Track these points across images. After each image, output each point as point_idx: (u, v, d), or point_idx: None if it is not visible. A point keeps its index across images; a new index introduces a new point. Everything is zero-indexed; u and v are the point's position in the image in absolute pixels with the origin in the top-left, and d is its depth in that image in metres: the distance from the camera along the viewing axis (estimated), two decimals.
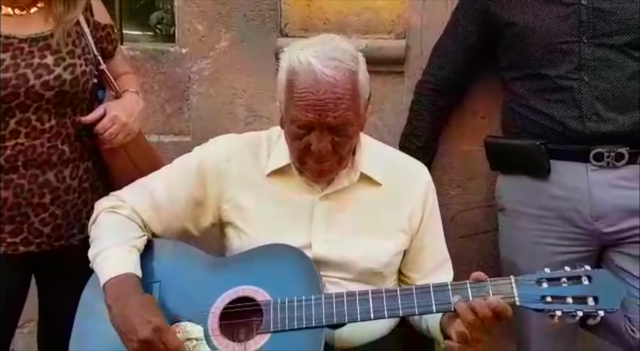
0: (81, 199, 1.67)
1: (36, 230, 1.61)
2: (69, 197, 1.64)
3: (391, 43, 2.04)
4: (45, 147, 1.58)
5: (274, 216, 1.51)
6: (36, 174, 1.58)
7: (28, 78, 1.52)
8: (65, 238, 1.65)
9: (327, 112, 1.36)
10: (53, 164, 1.60)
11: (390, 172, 1.54)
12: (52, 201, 1.61)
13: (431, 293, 1.32)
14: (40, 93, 1.54)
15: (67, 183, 1.63)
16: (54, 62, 1.56)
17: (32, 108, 1.55)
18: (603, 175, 1.70)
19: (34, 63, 1.54)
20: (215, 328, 1.38)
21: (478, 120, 2.08)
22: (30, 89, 1.53)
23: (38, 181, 1.58)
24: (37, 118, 1.56)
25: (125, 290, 1.38)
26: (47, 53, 1.56)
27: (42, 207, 1.60)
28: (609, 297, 1.26)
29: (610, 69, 1.68)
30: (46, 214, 1.61)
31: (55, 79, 1.55)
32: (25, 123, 1.55)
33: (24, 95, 1.53)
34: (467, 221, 2.15)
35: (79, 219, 1.66)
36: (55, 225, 1.63)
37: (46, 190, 1.60)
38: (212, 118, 2.16)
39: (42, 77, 1.54)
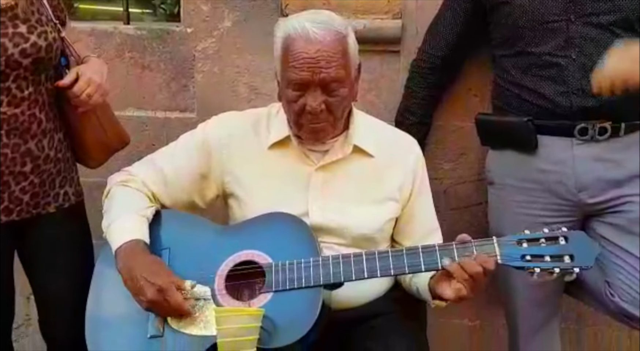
0: (56, 168, 1.72)
1: (16, 198, 1.65)
2: (47, 166, 1.69)
3: (388, 23, 2.10)
4: (26, 115, 1.63)
5: (273, 187, 1.59)
6: (18, 143, 1.63)
7: (7, 47, 1.56)
8: (42, 206, 1.70)
9: (320, 68, 1.45)
10: (33, 133, 1.65)
11: (382, 145, 1.62)
12: (32, 170, 1.66)
13: (420, 254, 1.41)
14: (19, 61, 1.58)
15: (46, 152, 1.68)
16: (27, 30, 1.60)
17: (12, 76, 1.59)
18: (587, 149, 1.76)
19: (9, 32, 1.57)
20: (221, 289, 1.48)
21: (471, 97, 2.14)
22: (10, 58, 1.56)
23: (20, 150, 1.63)
24: (17, 86, 1.60)
25: (132, 255, 1.47)
26: (18, 22, 1.59)
27: (23, 176, 1.65)
28: (584, 255, 1.34)
29: (597, 46, 1.72)
30: (26, 182, 1.66)
31: (32, 46, 1.60)
32: (6, 92, 1.59)
33: (5, 64, 1.56)
34: (459, 194, 2.22)
35: (53, 187, 1.72)
36: (34, 193, 1.68)
37: (27, 159, 1.64)
38: (215, 95, 2.22)
39: (19, 45, 1.58)
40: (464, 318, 2.36)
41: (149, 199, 1.62)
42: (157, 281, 1.42)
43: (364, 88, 2.15)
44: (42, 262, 1.77)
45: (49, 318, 1.83)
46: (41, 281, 1.81)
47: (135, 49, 2.24)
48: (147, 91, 2.27)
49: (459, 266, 1.36)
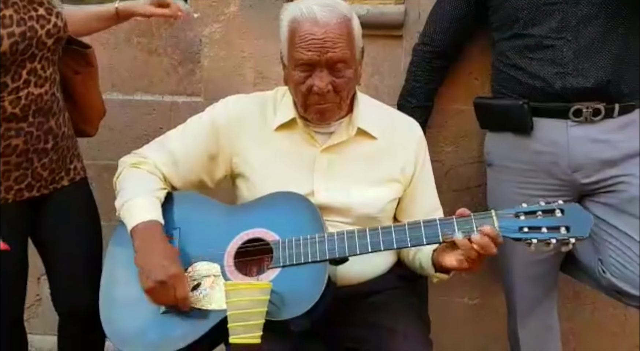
0: (66, 145, 1.81)
1: (38, 174, 1.74)
2: (63, 142, 1.79)
3: (391, 8, 2.14)
4: (49, 94, 1.71)
5: (279, 167, 1.64)
6: (42, 122, 1.71)
7: (36, 29, 1.64)
8: (57, 181, 1.79)
9: (326, 49, 1.50)
10: (54, 112, 1.74)
11: (385, 128, 1.67)
12: (52, 146, 1.75)
13: (422, 228, 1.46)
14: (45, 42, 1.66)
15: (62, 130, 1.78)
16: (46, 12, 1.68)
17: (38, 57, 1.67)
18: (582, 130, 1.81)
19: (34, 15, 1.65)
20: (230, 265, 1.53)
21: (472, 81, 2.18)
22: (39, 39, 1.65)
23: (44, 128, 1.71)
24: (42, 66, 1.68)
25: (152, 235, 1.52)
26: (36, 5, 1.67)
27: (45, 152, 1.73)
28: (579, 226, 1.38)
29: (590, 25, 1.76)
30: (47, 159, 1.74)
31: (54, 26, 1.68)
32: (34, 73, 1.66)
33: (35, 46, 1.64)
34: (460, 176, 2.27)
35: (65, 163, 1.81)
36: (51, 169, 1.77)
37: (50, 136, 1.73)
38: (222, 79, 2.26)
39: (45, 26, 1.66)
40: (464, 296, 2.42)
41: (161, 181, 1.67)
42: (173, 267, 1.47)
43: (367, 73, 2.19)
44: (55, 232, 1.84)
45: (60, 288, 1.88)
46: (54, 251, 1.86)
47: (143, 34, 2.28)
48: (154, 75, 2.31)
49: (467, 239, 1.40)
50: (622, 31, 1.78)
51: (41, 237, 1.86)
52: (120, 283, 1.59)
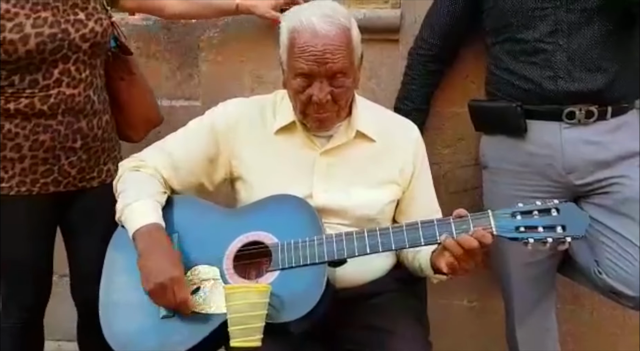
0: (101, 147, 1.88)
1: (65, 171, 1.82)
2: (94, 144, 1.85)
3: (387, 12, 2.16)
4: (82, 96, 1.78)
5: (279, 170, 1.65)
6: (72, 121, 1.79)
7: (70, 32, 1.73)
8: (87, 180, 1.87)
9: (325, 60, 1.51)
10: (86, 113, 1.81)
11: (383, 130, 1.69)
12: (81, 146, 1.83)
13: (419, 229, 1.47)
14: (79, 45, 1.74)
15: (94, 131, 1.84)
16: (85, 17, 1.76)
17: (72, 59, 1.75)
18: (575, 132, 1.83)
19: (71, 19, 1.74)
20: (229, 269, 1.53)
21: (468, 84, 2.19)
22: (72, 42, 1.73)
23: (73, 127, 1.80)
24: (76, 68, 1.76)
25: (154, 238, 1.53)
26: (78, 10, 1.76)
27: (72, 151, 1.82)
28: (575, 226, 1.39)
29: (582, 30, 1.78)
30: (75, 157, 1.82)
31: (90, 31, 1.76)
32: (67, 73, 1.75)
33: (67, 48, 1.72)
34: (458, 178, 2.28)
35: (97, 164, 1.89)
36: (80, 168, 1.84)
37: (78, 136, 1.81)
38: (220, 84, 2.27)
39: (80, 30, 1.74)
40: (464, 299, 2.43)
41: (161, 185, 1.67)
42: (174, 270, 1.48)
43: (365, 76, 2.18)
44: (80, 229, 1.92)
45: (80, 282, 1.95)
46: (76, 245, 1.95)
47: (141, 39, 2.30)
48: (153, 80, 2.29)
49: (455, 242, 1.41)
50: (615, 36, 1.80)
51: (67, 230, 1.95)
52: (120, 287, 1.59)
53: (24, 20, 1.66)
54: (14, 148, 1.76)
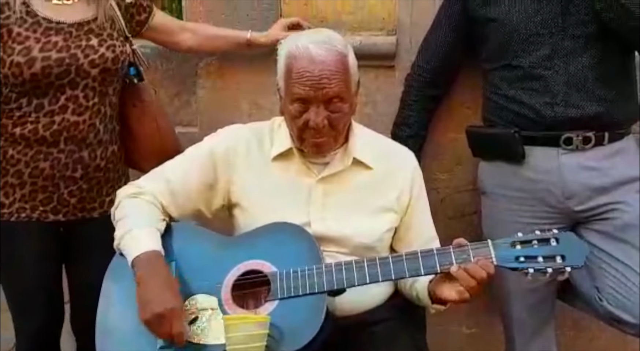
0: (104, 178, 1.86)
1: (64, 200, 1.80)
2: (96, 174, 1.83)
3: (383, 39, 2.17)
4: (87, 124, 1.77)
5: (276, 197, 1.65)
6: (73, 150, 1.77)
7: (78, 57, 1.72)
8: (88, 211, 1.85)
9: (322, 85, 1.53)
10: (89, 143, 1.79)
11: (380, 157, 1.69)
12: (82, 176, 1.80)
13: (419, 259, 1.47)
14: (88, 71, 1.73)
15: (97, 162, 1.82)
16: (98, 43, 1.76)
17: (81, 85, 1.74)
18: (573, 158, 1.83)
19: (82, 44, 1.73)
20: (227, 298, 1.52)
21: (464, 110, 2.21)
22: (80, 67, 1.72)
23: (74, 157, 1.78)
24: (84, 95, 1.75)
25: (153, 266, 1.51)
26: (92, 36, 1.76)
27: (72, 180, 1.80)
28: (574, 255, 1.40)
29: (579, 57, 1.80)
30: (75, 187, 1.80)
31: (100, 57, 1.75)
32: (74, 100, 1.74)
33: (75, 73, 1.72)
34: (455, 203, 2.29)
35: (99, 195, 1.86)
36: (81, 198, 1.82)
37: (79, 166, 1.79)
38: (217, 110, 2.29)
39: (89, 56, 1.74)
40: (462, 325, 2.42)
41: (160, 212, 1.66)
42: (173, 301, 1.46)
43: (361, 102, 2.19)
44: (80, 258, 1.90)
45: (79, 310, 1.92)
46: (76, 278, 1.93)
47: None
48: None
49: (467, 273, 1.41)
50: (611, 62, 1.82)
51: (68, 258, 1.92)
52: (117, 316, 1.57)
53: (33, 44, 1.67)
54: (15, 174, 1.77)
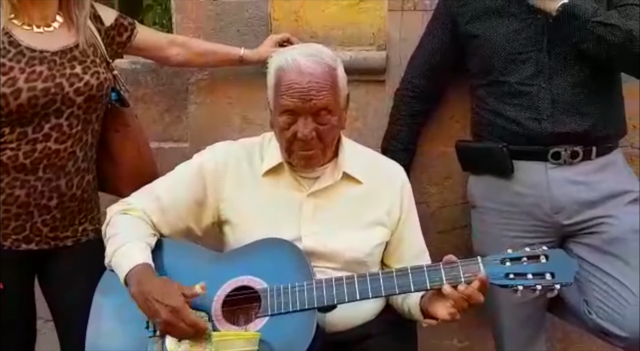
0: (78, 208, 1.81)
1: (37, 229, 1.74)
2: (71, 203, 1.78)
3: (373, 54, 2.19)
4: (67, 152, 1.73)
5: (266, 213, 1.65)
6: (50, 178, 1.72)
7: (63, 86, 1.69)
8: (60, 239, 1.79)
9: (310, 97, 1.54)
10: (67, 171, 1.75)
11: (370, 172, 1.70)
12: (56, 205, 1.75)
13: (409, 275, 1.47)
14: (73, 99, 1.71)
15: (73, 191, 1.77)
16: (82, 70, 1.73)
17: (66, 114, 1.71)
18: (561, 172, 1.85)
19: (67, 73, 1.71)
20: (218, 314, 1.52)
21: (453, 124, 2.22)
22: (66, 96, 1.70)
23: (50, 185, 1.73)
24: (69, 124, 1.72)
25: (144, 278, 1.51)
26: (75, 63, 1.73)
27: (46, 209, 1.74)
28: (564, 272, 1.41)
29: (564, 74, 1.82)
30: (48, 216, 1.75)
31: (85, 84, 1.73)
32: (57, 128, 1.71)
33: (60, 102, 1.69)
34: (446, 217, 2.29)
35: (72, 224, 1.81)
36: (53, 227, 1.77)
37: (55, 195, 1.74)
38: (208, 125, 2.29)
39: (74, 84, 1.71)
40: (454, 338, 2.41)
41: (150, 227, 1.67)
42: (170, 302, 1.46)
43: (352, 117, 2.21)
44: (57, 293, 1.86)
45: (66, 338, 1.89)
46: (56, 310, 1.89)
47: (129, 82, 2.28)
48: (141, 122, 2.29)
49: (461, 296, 1.43)
50: (596, 79, 1.84)
51: (44, 291, 1.89)
52: (107, 334, 1.57)
53: (18, 74, 1.65)
54: None
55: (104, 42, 1.85)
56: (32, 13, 1.71)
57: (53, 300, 1.88)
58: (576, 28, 1.74)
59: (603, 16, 1.71)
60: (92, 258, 1.73)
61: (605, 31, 1.70)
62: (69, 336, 1.83)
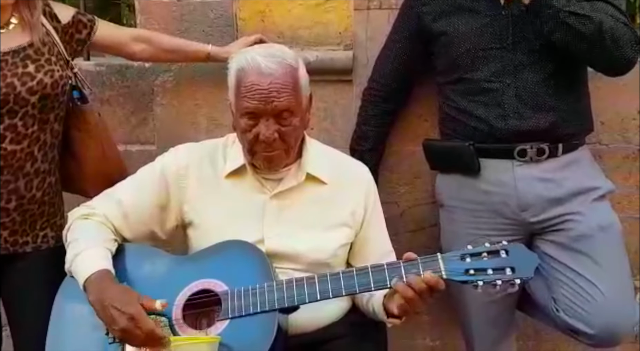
0: (39, 210, 1.77)
1: None
2: (31, 206, 1.74)
3: (340, 54, 2.18)
4: (24, 153, 1.69)
5: (229, 215, 1.63)
6: (9, 180, 1.69)
7: (15, 85, 1.66)
8: (20, 245, 1.75)
9: (271, 98, 1.52)
10: (26, 172, 1.71)
11: (335, 172, 1.68)
12: (15, 207, 1.71)
13: (370, 274, 1.45)
14: (27, 99, 1.67)
15: (33, 193, 1.74)
16: (35, 69, 1.69)
17: (20, 114, 1.67)
18: (527, 170, 1.85)
19: (19, 72, 1.67)
20: (179, 319, 1.49)
21: (422, 123, 2.22)
22: (18, 95, 1.66)
23: (9, 187, 1.69)
24: (23, 124, 1.68)
25: (103, 285, 1.48)
26: (29, 62, 1.70)
27: (5, 212, 1.70)
28: (524, 267, 1.40)
29: (528, 70, 1.82)
30: (7, 219, 1.71)
31: (38, 83, 1.69)
32: (12, 129, 1.67)
33: (13, 101, 1.65)
34: (415, 216, 2.29)
35: (33, 228, 1.77)
36: (13, 230, 1.73)
37: (13, 197, 1.70)
38: (175, 127, 2.27)
39: (27, 83, 1.67)
40: (425, 337, 2.41)
41: (112, 232, 1.64)
42: (129, 309, 1.43)
43: (319, 117, 2.22)
44: (14, 301, 1.81)
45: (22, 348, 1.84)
46: (13, 319, 1.84)
47: (94, 84, 2.26)
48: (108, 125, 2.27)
49: (405, 285, 1.41)
50: (561, 75, 1.84)
51: (3, 298, 1.84)
52: (68, 339, 1.54)
53: None
54: None
55: (62, 39, 1.82)
56: None
57: (10, 308, 1.84)
58: (548, 17, 1.73)
59: (575, 6, 1.70)
60: (50, 266, 1.69)
61: (577, 21, 1.69)
62: (26, 345, 1.79)
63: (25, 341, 1.79)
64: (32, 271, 1.76)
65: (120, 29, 2.09)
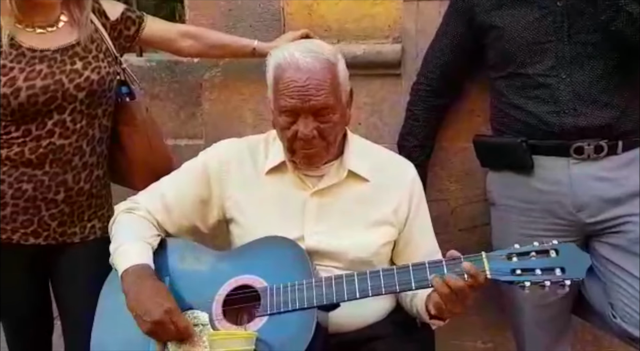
0: (87, 202, 1.81)
1: (45, 223, 1.75)
2: (79, 198, 1.79)
3: (388, 47, 2.13)
4: (73, 147, 1.74)
5: (270, 211, 1.62)
6: (57, 173, 1.74)
7: (63, 82, 1.70)
8: (68, 235, 1.79)
9: (309, 96, 1.49)
10: (74, 165, 1.76)
11: (377, 169, 1.64)
12: (64, 199, 1.76)
13: (410, 272, 1.42)
14: (74, 95, 1.72)
15: (81, 185, 1.78)
16: (82, 66, 1.74)
17: (68, 109, 1.72)
18: (584, 168, 1.76)
19: (67, 69, 1.72)
20: (218, 314, 1.50)
21: (474, 118, 2.15)
22: (66, 92, 1.71)
23: (57, 179, 1.74)
24: (72, 119, 1.73)
25: (140, 277, 1.51)
26: (76, 59, 1.74)
27: (54, 203, 1.75)
28: (575, 268, 1.33)
29: (585, 64, 1.73)
30: (56, 210, 1.76)
31: (85, 80, 1.73)
32: (61, 124, 1.72)
33: (62, 98, 1.70)
34: (467, 214, 2.22)
35: (81, 219, 1.81)
36: (61, 221, 1.77)
37: (61, 189, 1.75)
38: (222, 122, 2.28)
39: (74, 80, 1.72)
40: (477, 340, 2.34)
41: (154, 227, 1.66)
42: (165, 303, 1.45)
43: (367, 112, 2.18)
44: (64, 290, 1.87)
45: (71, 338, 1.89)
46: (62, 308, 1.90)
47: (145, 80, 2.31)
48: (157, 119, 2.30)
49: (442, 281, 1.36)
50: (619, 69, 1.74)
51: (54, 287, 1.90)
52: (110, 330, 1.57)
53: (18, 74, 1.66)
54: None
55: (111, 36, 1.85)
56: (35, 18, 1.73)
57: (58, 298, 1.90)
58: (607, 5, 1.64)
59: None
60: (97, 257, 1.73)
61: (638, 8, 1.59)
62: (74, 335, 1.83)
63: (73, 331, 1.84)
64: (80, 261, 1.80)
65: (169, 25, 2.11)
